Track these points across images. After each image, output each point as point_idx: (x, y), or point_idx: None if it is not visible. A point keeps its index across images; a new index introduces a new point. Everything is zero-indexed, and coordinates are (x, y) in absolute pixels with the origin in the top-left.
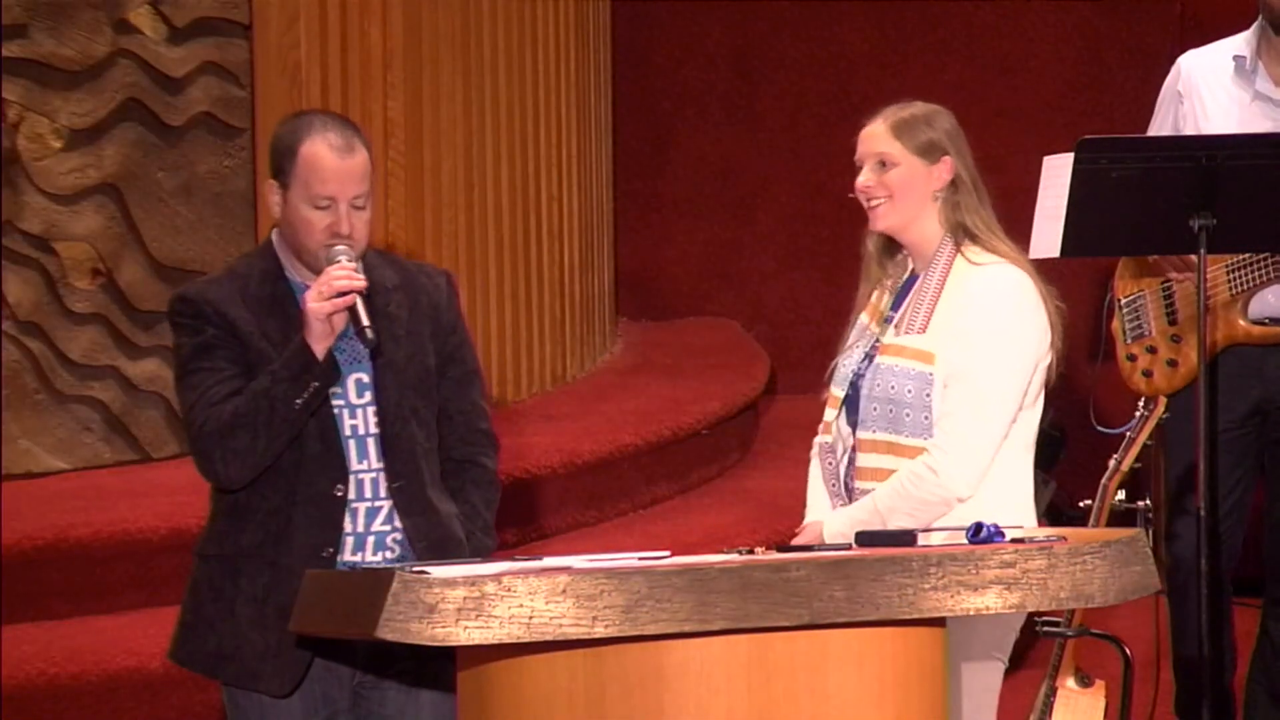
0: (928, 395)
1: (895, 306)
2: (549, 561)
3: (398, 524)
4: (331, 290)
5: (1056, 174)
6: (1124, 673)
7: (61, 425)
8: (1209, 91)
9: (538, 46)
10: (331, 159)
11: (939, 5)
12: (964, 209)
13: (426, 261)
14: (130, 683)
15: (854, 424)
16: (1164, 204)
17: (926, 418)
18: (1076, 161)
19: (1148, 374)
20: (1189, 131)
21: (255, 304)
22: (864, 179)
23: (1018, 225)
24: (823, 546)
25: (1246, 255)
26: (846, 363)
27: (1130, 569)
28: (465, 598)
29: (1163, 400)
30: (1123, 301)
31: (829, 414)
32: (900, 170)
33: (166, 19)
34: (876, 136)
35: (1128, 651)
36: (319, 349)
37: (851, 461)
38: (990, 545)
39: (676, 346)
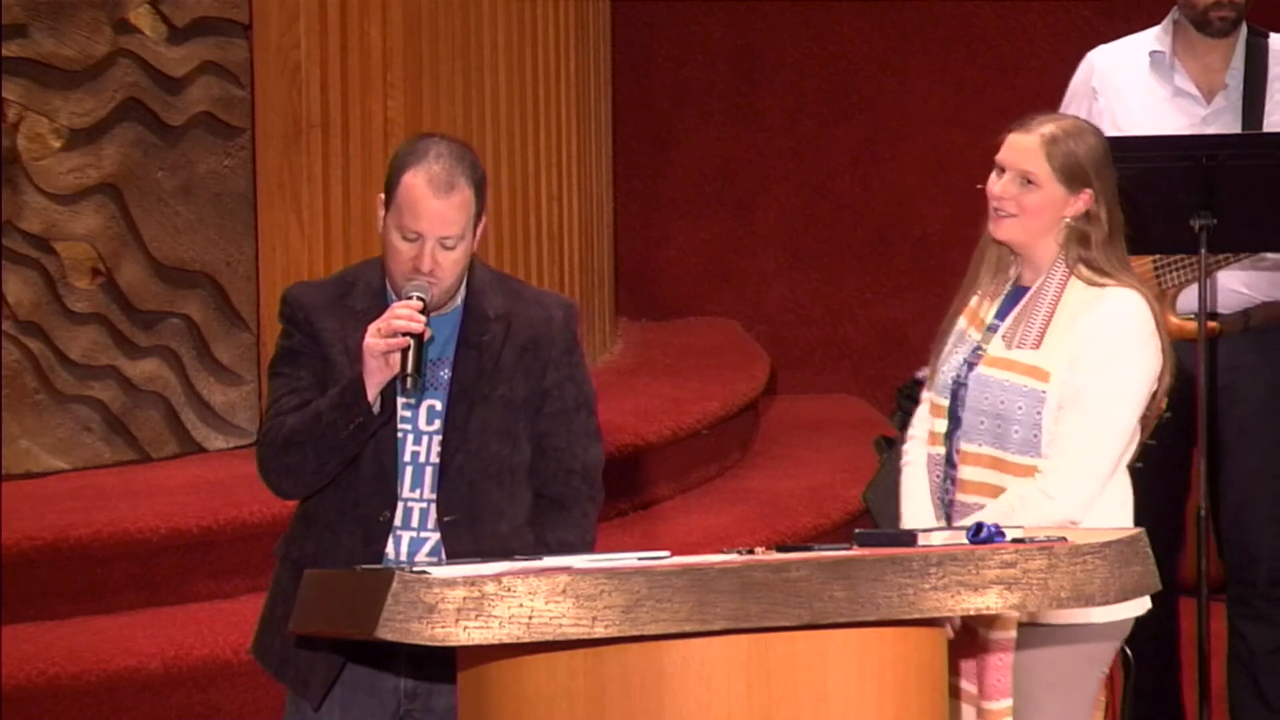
0: (1038, 413)
1: (1000, 315)
2: (549, 561)
3: (444, 558)
4: (389, 329)
5: None
6: (1124, 673)
7: (61, 425)
8: (1127, 88)
9: (538, 46)
10: (426, 195)
11: (939, 5)
12: (1093, 244)
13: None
14: (130, 683)
15: (951, 434)
16: (1164, 204)
17: (1036, 436)
18: None
19: None
20: (1106, 128)
21: (349, 314)
22: (1002, 189)
23: None
24: (824, 547)
25: (1176, 256)
26: (946, 369)
27: (1130, 569)
28: (465, 598)
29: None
30: None
31: (937, 424)
32: (1041, 194)
33: (166, 19)
34: (1028, 151)
35: (1128, 651)
36: (370, 385)
37: (949, 473)
38: (990, 545)
39: (676, 346)
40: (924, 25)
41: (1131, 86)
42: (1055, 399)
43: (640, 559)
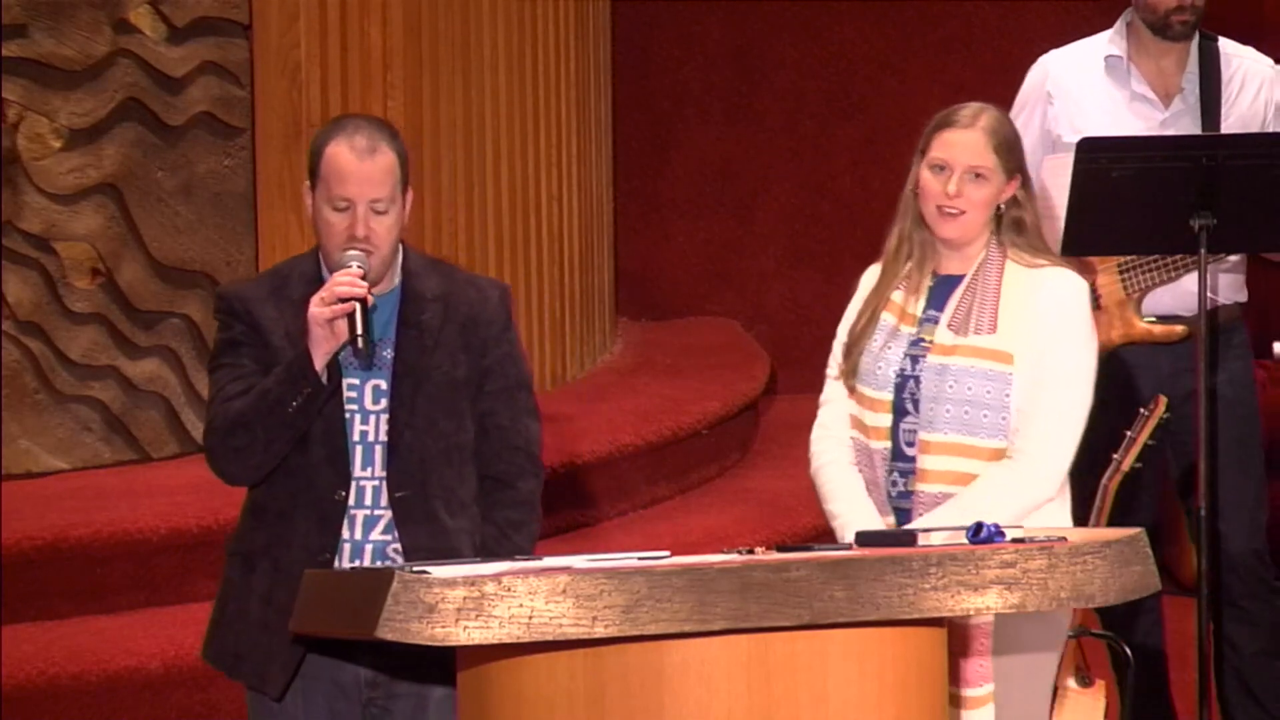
0: (1006, 395)
1: (935, 306)
2: (549, 561)
3: (397, 535)
4: (332, 296)
5: (1057, 174)
6: (1125, 673)
7: (61, 425)
8: (1083, 92)
9: (538, 46)
10: (350, 160)
11: (939, 5)
12: (1027, 228)
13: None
14: (130, 683)
15: (897, 427)
16: (1164, 204)
17: (1004, 418)
18: (1076, 161)
19: None
20: (1063, 132)
21: (287, 304)
22: (956, 188)
23: None
24: (824, 547)
25: (1138, 258)
26: (884, 364)
27: (1130, 569)
28: (465, 598)
29: (1163, 400)
30: None
31: (877, 419)
32: (990, 187)
33: (166, 19)
34: (975, 147)
35: (1128, 651)
36: (317, 355)
37: (898, 466)
38: (990, 545)
39: (676, 346)
40: (924, 25)
41: (1087, 91)
42: (1021, 380)
43: (640, 559)
